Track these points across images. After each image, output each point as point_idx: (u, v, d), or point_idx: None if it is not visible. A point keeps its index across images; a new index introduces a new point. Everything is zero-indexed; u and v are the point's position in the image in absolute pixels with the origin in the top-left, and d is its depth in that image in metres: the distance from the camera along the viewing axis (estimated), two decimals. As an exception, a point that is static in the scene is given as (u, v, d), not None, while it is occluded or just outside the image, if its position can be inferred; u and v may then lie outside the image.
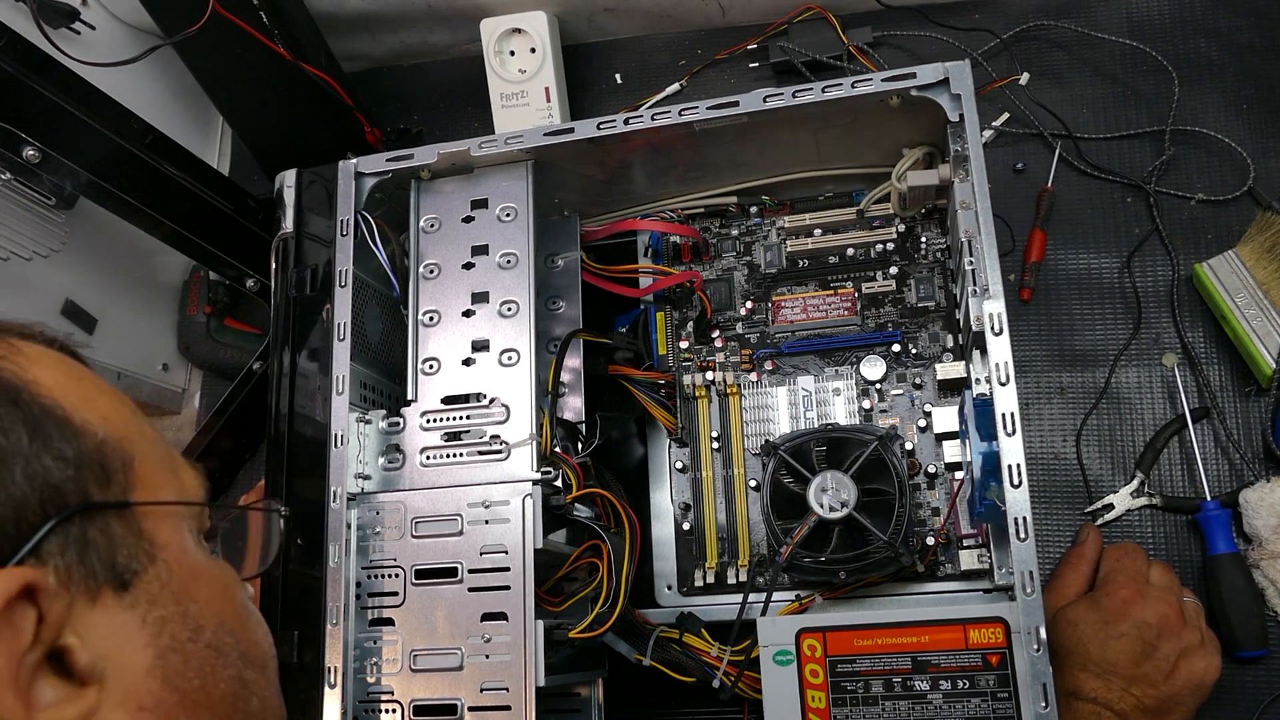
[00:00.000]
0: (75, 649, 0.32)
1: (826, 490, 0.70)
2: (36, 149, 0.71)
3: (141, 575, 0.35)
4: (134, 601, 0.34)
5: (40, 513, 0.32)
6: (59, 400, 0.35)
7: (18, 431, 0.32)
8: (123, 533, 0.35)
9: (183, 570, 0.37)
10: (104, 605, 0.33)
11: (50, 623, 0.31)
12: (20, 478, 0.32)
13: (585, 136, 0.72)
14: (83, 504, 0.33)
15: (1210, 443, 0.79)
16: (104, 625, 0.33)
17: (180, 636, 0.36)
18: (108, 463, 0.35)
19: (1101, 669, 0.65)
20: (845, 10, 0.93)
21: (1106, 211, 0.85)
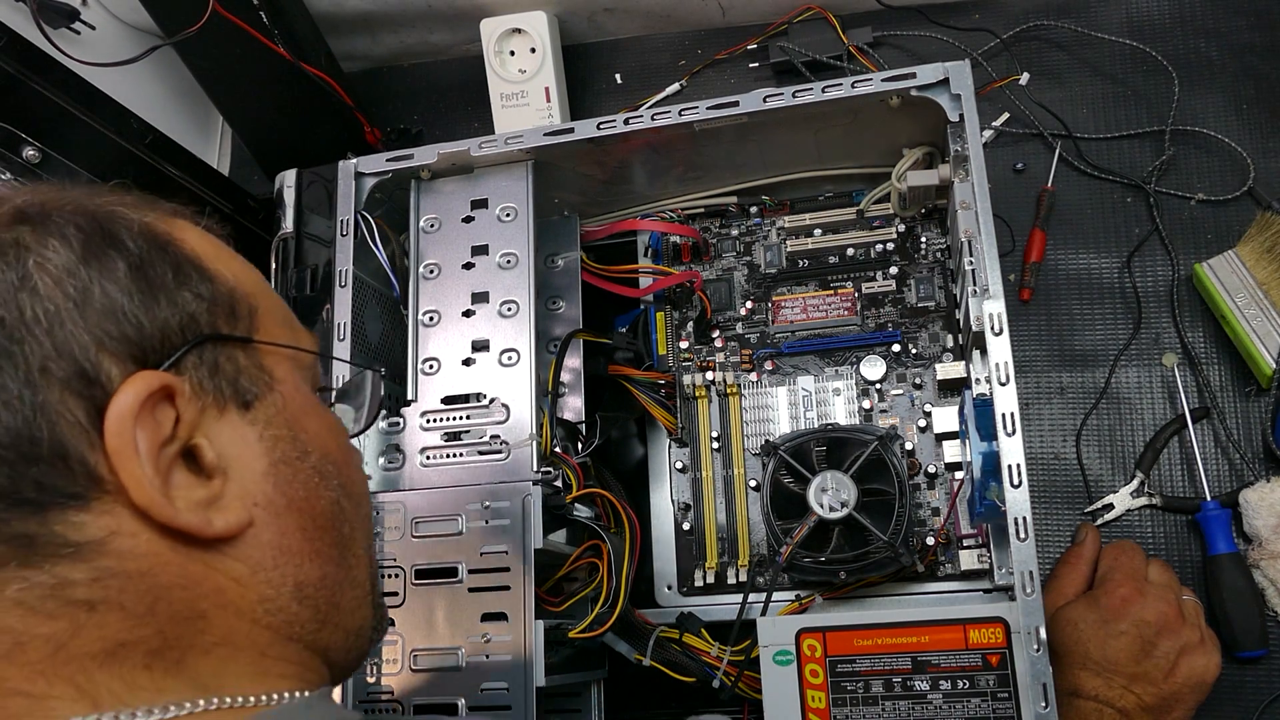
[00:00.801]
0: (204, 447, 0.38)
1: (826, 490, 0.70)
2: (36, 149, 0.71)
3: (260, 399, 0.41)
4: (254, 419, 0.41)
5: (180, 336, 0.39)
6: (199, 253, 0.42)
7: (164, 269, 0.39)
8: (246, 363, 0.41)
9: (294, 404, 0.43)
10: (229, 417, 0.40)
11: (185, 423, 0.38)
12: (164, 305, 0.39)
13: (585, 136, 0.72)
14: (214, 333, 0.40)
15: (1210, 443, 0.79)
16: (228, 432, 0.40)
17: (290, 454, 0.42)
18: (236, 306, 0.42)
19: (1102, 668, 0.65)
20: (845, 10, 0.93)
21: (1106, 211, 0.85)
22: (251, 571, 0.40)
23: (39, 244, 0.37)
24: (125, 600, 0.36)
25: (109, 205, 0.40)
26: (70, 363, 0.36)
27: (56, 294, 0.36)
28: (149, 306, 0.38)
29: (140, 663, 0.36)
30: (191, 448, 0.38)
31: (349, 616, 0.44)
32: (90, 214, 0.39)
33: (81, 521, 0.35)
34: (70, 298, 0.36)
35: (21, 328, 0.35)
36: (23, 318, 0.35)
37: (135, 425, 0.36)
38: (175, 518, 0.36)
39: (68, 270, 0.37)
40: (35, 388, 0.35)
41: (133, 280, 0.38)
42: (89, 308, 0.37)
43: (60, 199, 0.39)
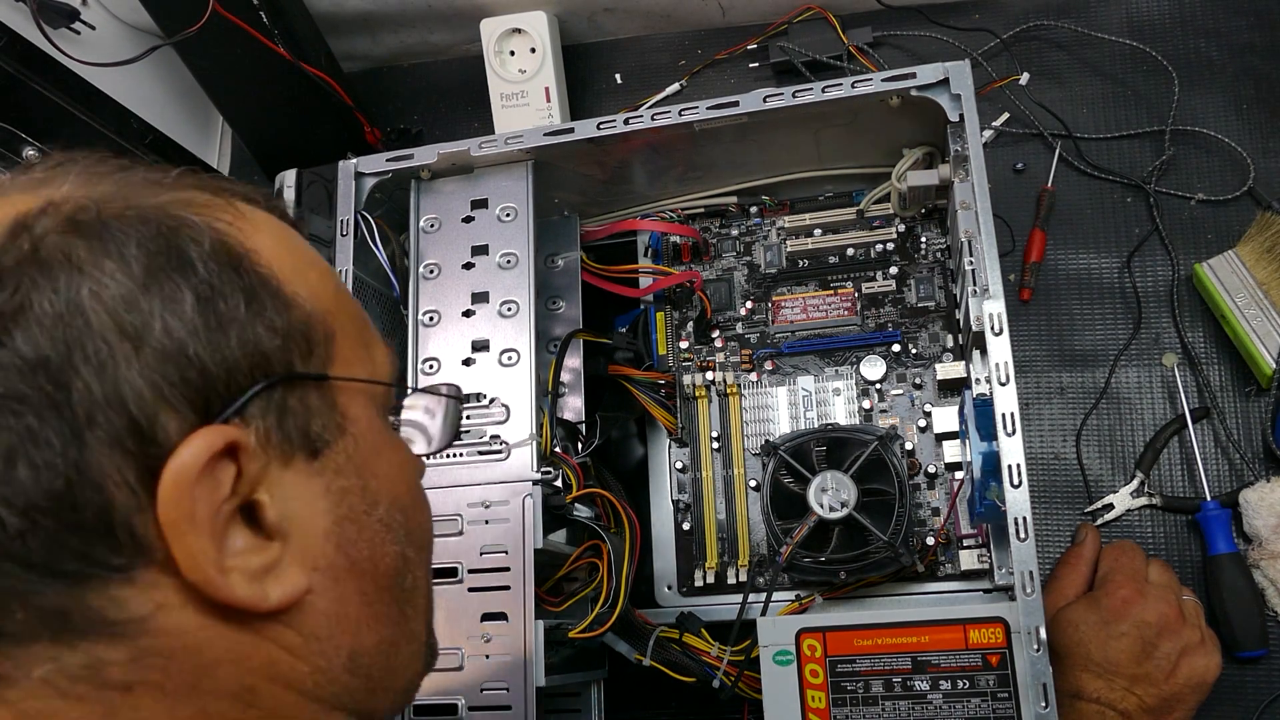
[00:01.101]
0: (266, 505, 0.34)
1: (826, 490, 0.70)
2: (36, 149, 0.71)
3: (331, 446, 0.37)
4: (321, 469, 0.37)
5: (248, 377, 0.34)
6: (275, 271, 0.36)
7: (236, 299, 0.34)
8: (318, 404, 0.37)
9: (367, 445, 0.39)
10: (294, 469, 0.35)
11: (247, 479, 0.34)
12: (234, 343, 0.34)
13: (585, 136, 0.72)
14: (287, 374, 0.35)
15: (1210, 443, 0.79)
16: (292, 487, 0.35)
17: (357, 508, 0.38)
18: (312, 336, 0.37)
19: (1103, 669, 0.65)
20: (845, 10, 0.93)
21: (1106, 211, 0.85)
22: (305, 641, 0.36)
23: (94, 265, 0.32)
24: (166, 681, 0.32)
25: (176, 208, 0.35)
26: (122, 414, 0.31)
27: (111, 329, 0.31)
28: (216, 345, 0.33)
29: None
30: (251, 504, 0.34)
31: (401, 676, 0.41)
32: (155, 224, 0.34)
33: (124, 597, 0.32)
34: (126, 335, 0.31)
35: (69, 370, 0.30)
36: (70, 358, 0.31)
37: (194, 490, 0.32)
38: (231, 594, 0.33)
39: (125, 300, 0.32)
40: (81, 443, 0.30)
41: (200, 314, 0.33)
42: (147, 347, 0.32)
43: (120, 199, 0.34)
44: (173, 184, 0.37)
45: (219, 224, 0.36)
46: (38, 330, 0.30)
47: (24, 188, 0.35)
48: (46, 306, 0.31)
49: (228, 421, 0.33)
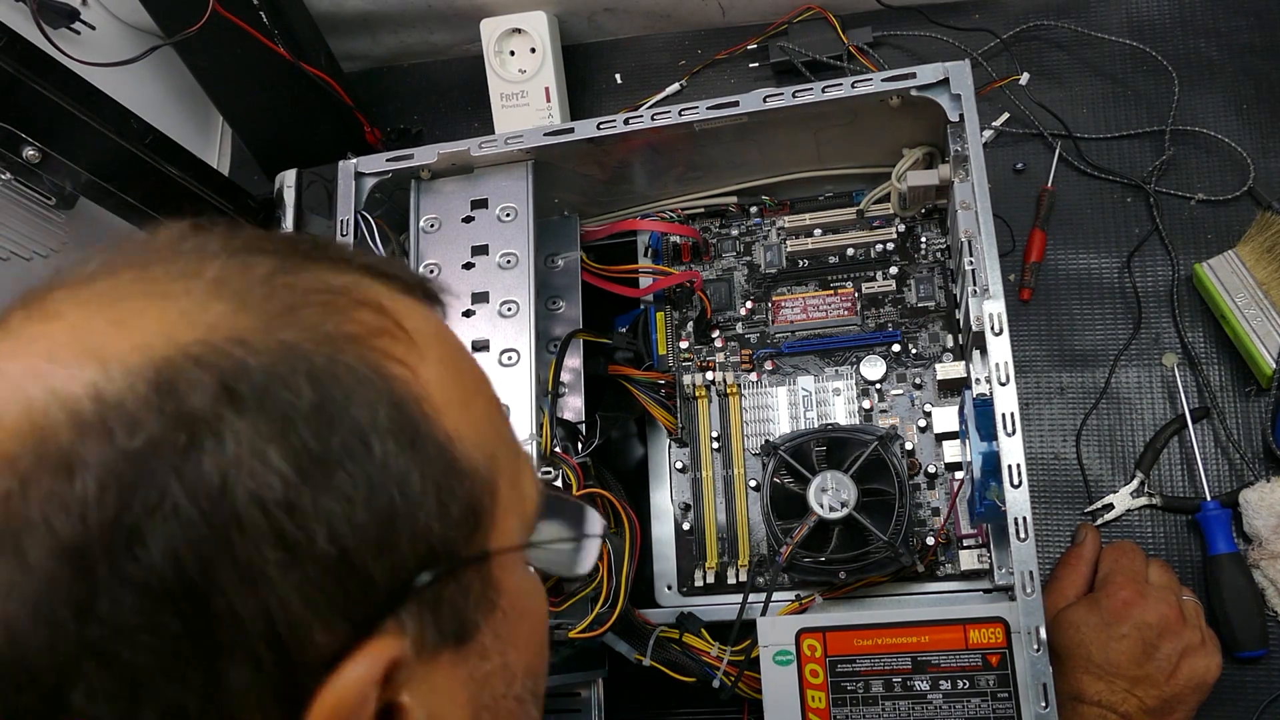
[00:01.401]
0: (409, 710, 0.28)
1: (826, 490, 0.70)
2: (36, 149, 0.71)
3: (480, 628, 0.31)
4: (467, 656, 0.30)
5: (410, 573, 0.27)
6: (448, 426, 0.29)
7: (412, 482, 0.27)
8: (476, 585, 0.30)
9: (514, 613, 0.33)
10: (439, 662, 0.29)
11: (393, 684, 0.27)
12: (405, 540, 0.27)
13: (585, 136, 0.72)
14: (451, 564, 0.29)
15: (1210, 443, 0.79)
16: (437, 683, 0.29)
17: (497, 691, 0.32)
18: (480, 508, 0.30)
19: (1104, 671, 0.65)
20: (845, 10, 0.93)
21: (1106, 211, 0.85)
22: None
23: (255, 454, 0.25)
24: None
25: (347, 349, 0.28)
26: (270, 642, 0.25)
27: (267, 538, 0.24)
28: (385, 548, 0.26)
29: None
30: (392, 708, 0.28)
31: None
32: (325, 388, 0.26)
33: None
34: (284, 544, 0.25)
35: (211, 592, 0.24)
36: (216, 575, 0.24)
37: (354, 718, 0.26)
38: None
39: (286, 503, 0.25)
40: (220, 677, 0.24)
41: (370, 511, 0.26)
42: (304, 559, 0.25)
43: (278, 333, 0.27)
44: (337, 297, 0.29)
45: (392, 367, 0.29)
46: (181, 541, 0.24)
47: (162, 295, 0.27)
48: (193, 512, 0.24)
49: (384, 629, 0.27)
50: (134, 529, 0.24)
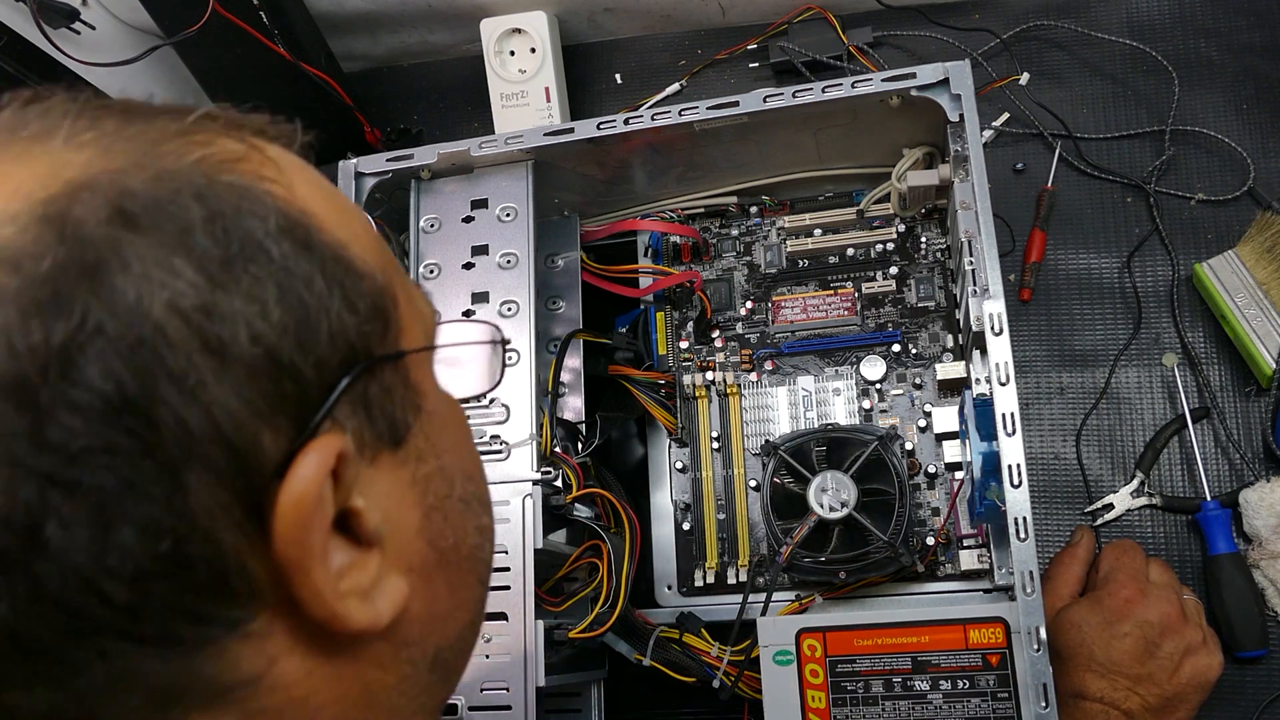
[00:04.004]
0: (364, 512, 0.30)
1: (826, 490, 0.70)
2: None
3: (411, 429, 0.33)
4: (405, 459, 0.32)
5: (337, 372, 0.29)
6: (338, 236, 0.31)
7: (316, 283, 0.29)
8: (397, 384, 0.32)
9: (438, 419, 0.34)
10: (380, 465, 0.31)
11: (343, 487, 0.29)
12: (324, 337, 0.28)
13: (585, 136, 0.72)
14: (369, 359, 0.30)
15: (1210, 443, 0.79)
16: (383, 485, 0.31)
17: (440, 493, 0.34)
18: (384, 307, 0.32)
19: (1106, 669, 0.65)
20: (845, 10, 0.93)
21: (1106, 211, 0.85)
22: (396, 651, 0.33)
23: (162, 266, 0.26)
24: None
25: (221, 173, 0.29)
26: (220, 444, 0.26)
27: (194, 344, 0.25)
28: (306, 344, 0.28)
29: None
30: (348, 515, 0.30)
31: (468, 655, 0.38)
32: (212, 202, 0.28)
33: (235, 656, 0.27)
34: (211, 349, 0.26)
35: (154, 403, 0.25)
36: (154, 388, 0.25)
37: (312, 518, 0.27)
38: (349, 623, 0.29)
39: (204, 307, 0.26)
40: (184, 489, 0.25)
41: (285, 307, 0.28)
42: (233, 361, 0.26)
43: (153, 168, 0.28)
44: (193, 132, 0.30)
45: (268, 185, 0.30)
46: (114, 360, 0.24)
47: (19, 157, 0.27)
48: (118, 328, 0.25)
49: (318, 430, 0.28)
50: (64, 352, 0.24)
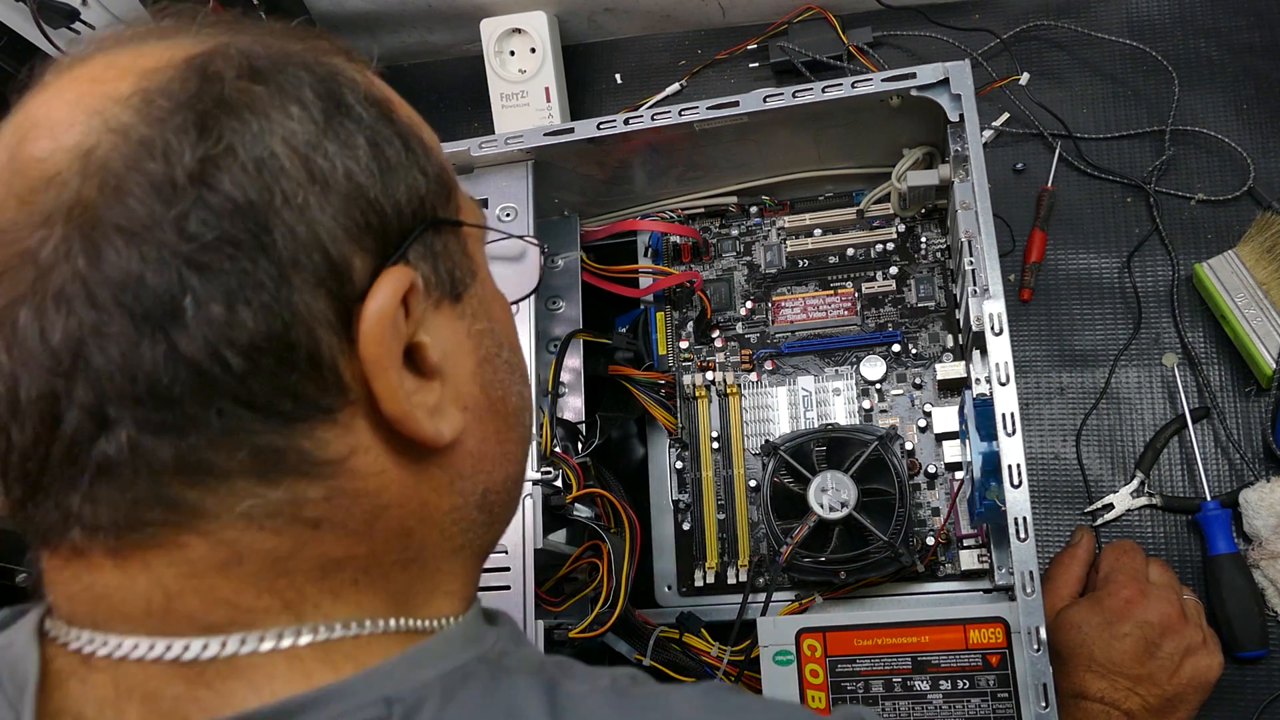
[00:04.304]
0: (427, 346, 0.36)
1: (826, 490, 0.70)
2: (36, 149, 0.71)
3: (468, 290, 0.39)
4: (462, 313, 0.38)
5: (411, 221, 0.36)
6: (411, 120, 0.38)
7: (395, 144, 0.36)
8: (456, 248, 0.39)
9: (488, 290, 0.41)
10: (443, 313, 0.37)
11: (413, 320, 0.35)
12: (400, 187, 0.35)
13: (585, 136, 0.72)
14: (436, 218, 0.37)
15: (1210, 443, 0.79)
16: (444, 329, 0.37)
17: (490, 350, 0.40)
18: (447, 182, 0.39)
19: (1106, 669, 0.65)
20: (845, 10, 0.93)
21: (1106, 211, 0.85)
22: (450, 482, 0.38)
23: (280, 111, 0.33)
24: (349, 520, 0.34)
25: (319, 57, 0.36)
26: (322, 256, 0.32)
27: (303, 174, 0.32)
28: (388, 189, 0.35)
29: (348, 579, 0.35)
30: (414, 348, 0.35)
31: (512, 509, 0.43)
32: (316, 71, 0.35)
33: (327, 438, 0.33)
34: (315, 179, 0.33)
35: (272, 215, 0.31)
36: (272, 203, 0.31)
37: (389, 330, 0.33)
38: (420, 428, 0.35)
39: (311, 145, 0.33)
40: (290, 285, 0.31)
41: (373, 157, 0.35)
42: (333, 192, 0.33)
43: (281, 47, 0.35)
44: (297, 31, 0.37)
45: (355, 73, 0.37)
46: (241, 175, 0.31)
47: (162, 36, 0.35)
48: (246, 152, 0.31)
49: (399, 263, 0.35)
50: (205, 164, 0.31)
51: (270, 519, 0.33)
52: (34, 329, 0.31)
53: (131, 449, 0.31)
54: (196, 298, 0.30)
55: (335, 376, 0.33)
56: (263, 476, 0.32)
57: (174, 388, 0.31)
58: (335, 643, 0.34)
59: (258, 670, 0.33)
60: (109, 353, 0.30)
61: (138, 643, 0.32)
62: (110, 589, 0.33)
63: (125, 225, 0.30)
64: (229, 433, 0.31)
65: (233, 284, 0.31)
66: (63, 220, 0.31)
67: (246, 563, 0.33)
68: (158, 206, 0.30)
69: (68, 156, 0.31)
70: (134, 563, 0.32)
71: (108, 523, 0.32)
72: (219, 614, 0.33)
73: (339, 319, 0.33)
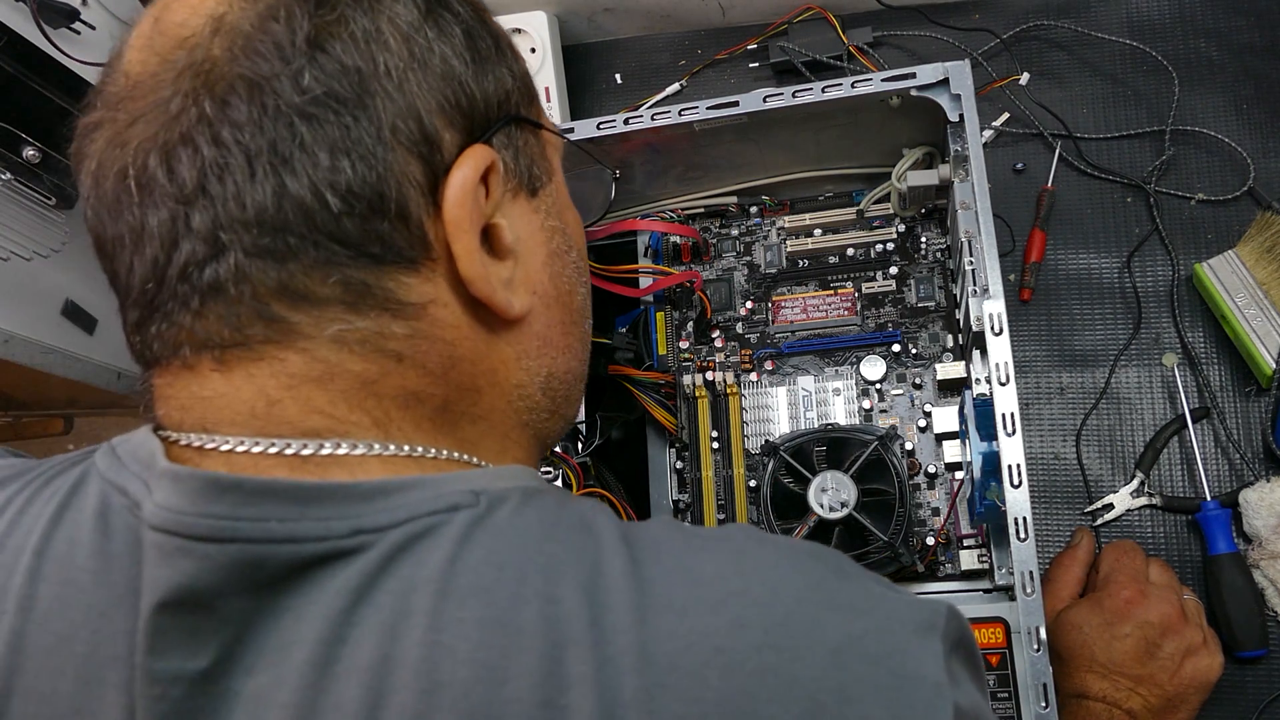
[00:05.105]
0: (503, 228, 0.40)
1: (826, 490, 0.70)
2: (36, 149, 0.71)
3: (543, 188, 0.43)
4: (537, 208, 0.42)
5: (497, 111, 0.40)
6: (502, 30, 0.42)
7: (488, 41, 0.40)
8: (536, 148, 0.43)
9: (562, 196, 0.45)
10: (519, 203, 0.41)
11: (492, 201, 0.39)
12: (490, 78, 0.40)
13: (585, 136, 0.72)
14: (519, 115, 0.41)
15: (1210, 443, 0.79)
16: (520, 217, 0.41)
17: (560, 247, 0.44)
18: (530, 87, 0.43)
19: (1108, 670, 0.65)
20: (845, 10, 0.93)
21: (1106, 211, 0.85)
22: (517, 357, 0.42)
23: None
24: (428, 361, 0.38)
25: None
26: (416, 124, 0.36)
27: (404, 51, 0.37)
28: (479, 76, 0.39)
29: (427, 414, 0.39)
30: (490, 227, 0.39)
31: (573, 405, 0.47)
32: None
33: (411, 284, 0.37)
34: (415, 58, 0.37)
35: (375, 81, 0.36)
36: (376, 71, 0.36)
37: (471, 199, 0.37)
38: (492, 295, 0.39)
39: (414, 28, 0.37)
40: (386, 145, 0.36)
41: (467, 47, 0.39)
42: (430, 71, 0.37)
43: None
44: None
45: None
46: (350, 43, 0.36)
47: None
48: (357, 25, 0.36)
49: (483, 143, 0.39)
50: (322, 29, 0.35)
51: (359, 345, 0.37)
52: (162, 165, 0.35)
53: (239, 271, 0.35)
54: (304, 144, 0.35)
55: (420, 232, 0.37)
56: (352, 306, 0.36)
57: (280, 219, 0.35)
58: (421, 458, 0.38)
59: (355, 465, 0.37)
60: (226, 185, 0.34)
61: (244, 440, 0.36)
62: (217, 394, 0.37)
63: (249, 76, 0.34)
64: (324, 264, 0.36)
65: (336, 135, 0.35)
66: (192, 74, 0.35)
67: (339, 379, 0.37)
68: (277, 63, 0.35)
69: (202, 20, 0.36)
70: (238, 373, 0.36)
71: (215, 337, 0.36)
72: (316, 421, 0.37)
73: (428, 183, 0.37)
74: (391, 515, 0.35)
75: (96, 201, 0.37)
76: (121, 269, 0.37)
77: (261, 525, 0.34)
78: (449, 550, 0.34)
